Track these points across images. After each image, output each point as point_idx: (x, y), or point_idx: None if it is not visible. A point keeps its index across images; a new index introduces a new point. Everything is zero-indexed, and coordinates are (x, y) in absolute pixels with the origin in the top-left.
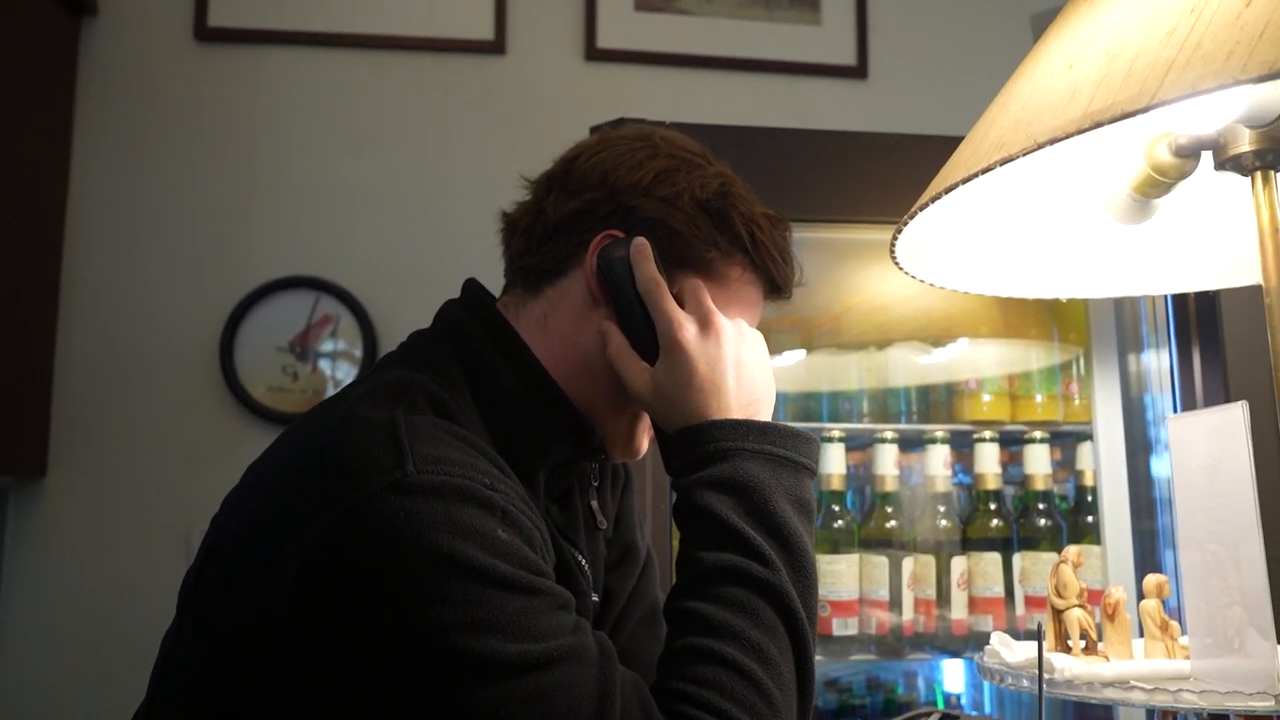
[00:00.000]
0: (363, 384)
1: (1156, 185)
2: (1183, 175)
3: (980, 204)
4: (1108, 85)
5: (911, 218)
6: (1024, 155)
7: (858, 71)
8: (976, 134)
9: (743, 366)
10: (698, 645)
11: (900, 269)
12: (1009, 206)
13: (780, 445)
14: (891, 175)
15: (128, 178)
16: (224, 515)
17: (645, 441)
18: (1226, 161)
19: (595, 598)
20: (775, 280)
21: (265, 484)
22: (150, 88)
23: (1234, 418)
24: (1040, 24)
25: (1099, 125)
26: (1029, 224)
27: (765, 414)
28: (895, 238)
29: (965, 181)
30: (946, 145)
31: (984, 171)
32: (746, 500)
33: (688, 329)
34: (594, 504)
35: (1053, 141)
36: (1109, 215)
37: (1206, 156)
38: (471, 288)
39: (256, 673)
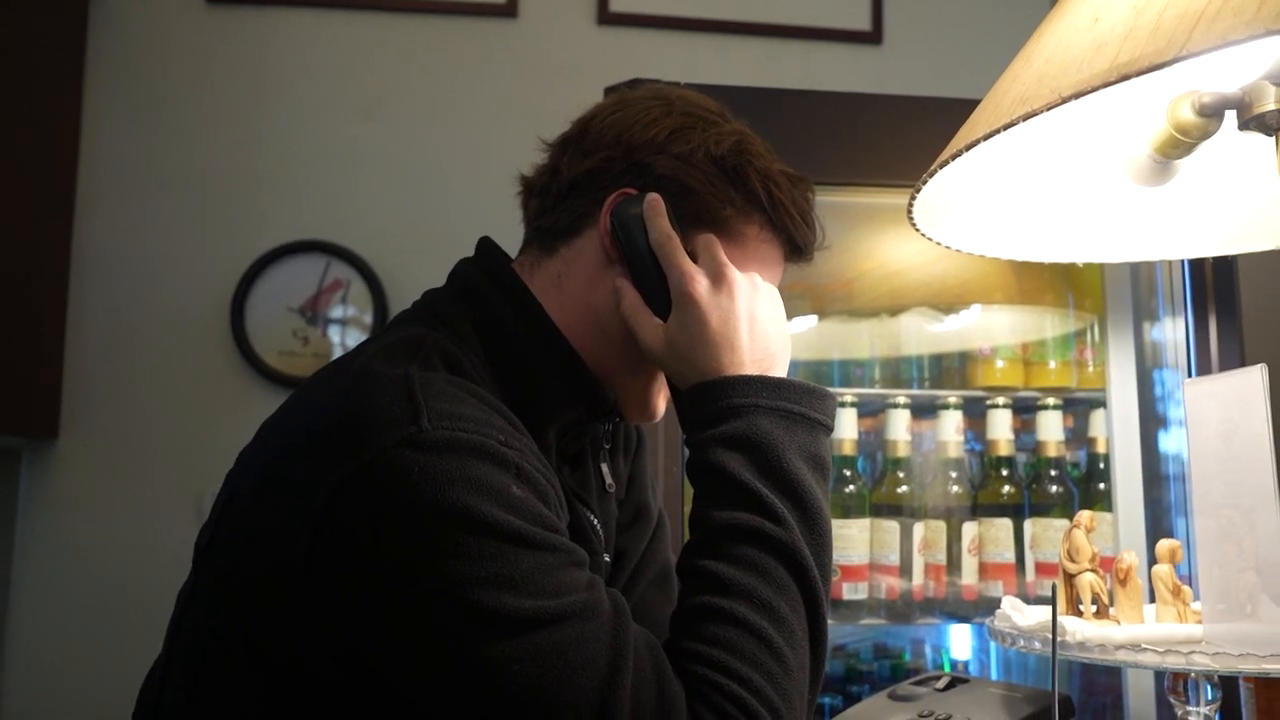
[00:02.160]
0: (377, 341)
1: (1179, 145)
2: (1206, 135)
3: (998, 166)
4: (1135, 38)
5: (930, 176)
6: (1048, 109)
7: (872, 37)
8: (999, 90)
9: (756, 320)
10: (710, 604)
11: (917, 230)
12: (1027, 169)
13: (795, 401)
14: (905, 139)
15: (139, 142)
16: (238, 471)
17: (662, 403)
18: (1251, 120)
19: (607, 558)
20: (795, 240)
21: (279, 439)
22: (161, 52)
23: (1252, 381)
24: None
25: (1125, 78)
26: (1047, 187)
27: (780, 369)
28: (913, 198)
29: (988, 137)
30: (962, 109)
31: (1007, 126)
32: (760, 457)
33: (700, 282)
34: (604, 466)
35: (1078, 95)
36: (1129, 177)
37: (1229, 117)
38: (485, 246)
39: (271, 626)
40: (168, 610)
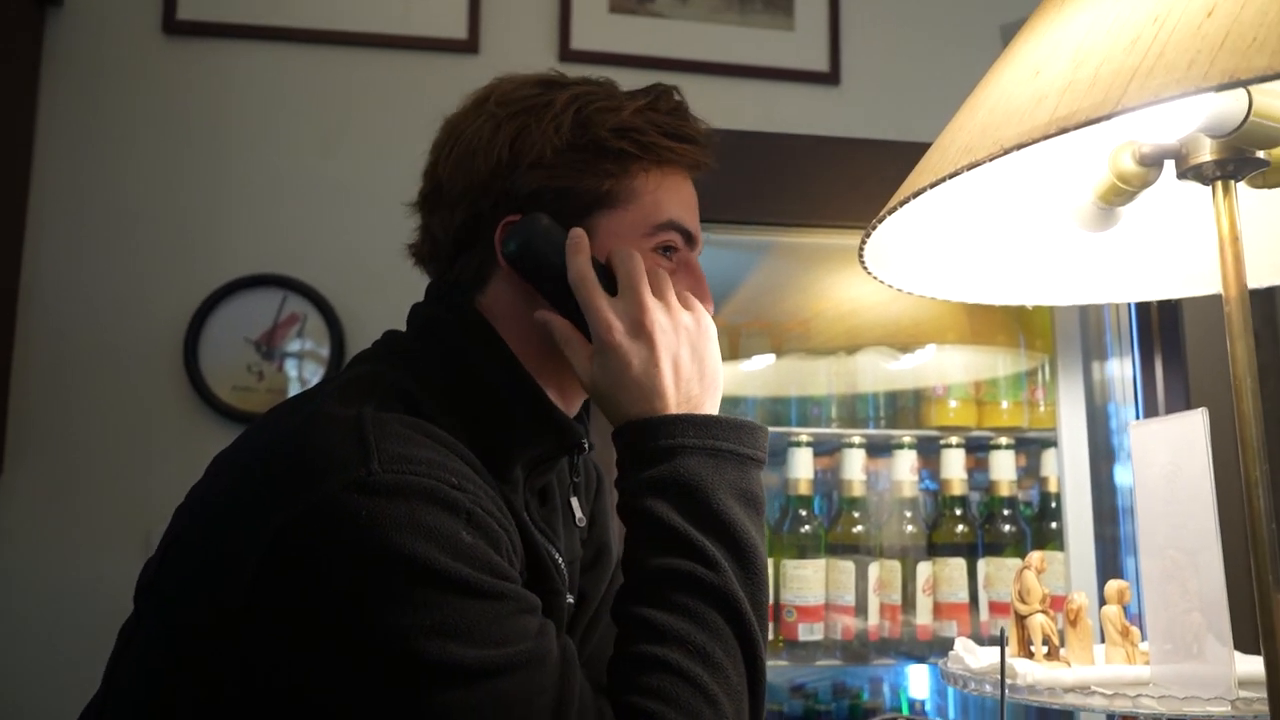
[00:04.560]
0: (334, 380)
1: (1120, 193)
2: (1146, 184)
3: (948, 210)
4: (1073, 91)
5: (879, 222)
6: (990, 160)
7: (830, 77)
8: (944, 139)
9: (680, 363)
10: (645, 653)
11: (869, 274)
12: (976, 213)
13: (723, 439)
14: (861, 180)
15: (92, 172)
16: (185, 506)
17: None
18: (1188, 170)
19: (570, 599)
20: (685, 160)
21: (228, 477)
22: (116, 81)
23: (1194, 425)
24: (1009, 34)
25: (1064, 131)
26: (996, 231)
27: (710, 405)
28: (864, 242)
29: (932, 186)
30: (916, 151)
31: (950, 176)
32: (689, 501)
33: (616, 329)
34: (574, 500)
35: (1019, 147)
36: (1074, 222)
37: (1169, 165)
38: (440, 295)
39: (213, 667)
40: (110, 648)
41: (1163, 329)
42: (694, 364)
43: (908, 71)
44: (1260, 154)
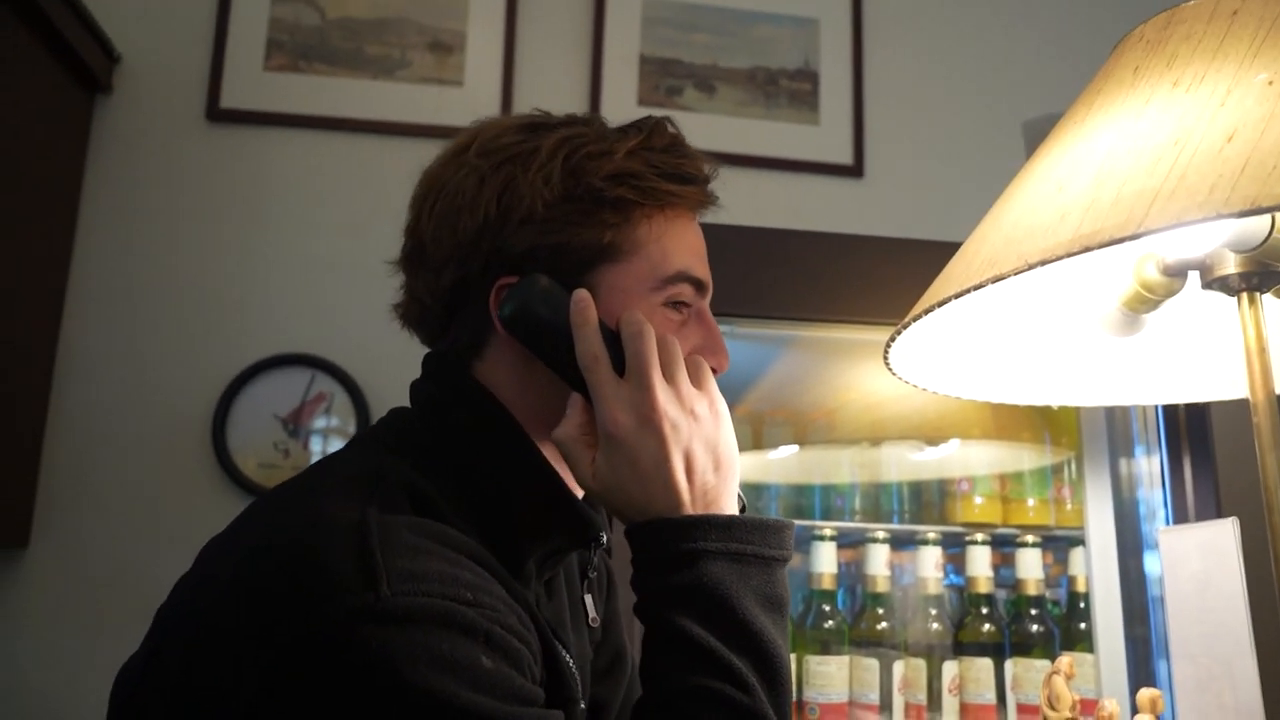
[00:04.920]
0: (335, 468)
1: (1145, 301)
2: (1170, 293)
3: (974, 312)
4: (1096, 210)
5: (904, 328)
6: (1014, 274)
7: (854, 170)
8: (969, 249)
9: (693, 457)
10: None
11: (893, 374)
12: (1002, 315)
13: (747, 541)
14: (886, 277)
15: (130, 252)
16: (171, 609)
17: None
18: (1214, 282)
19: (583, 705)
20: (692, 199)
21: (215, 585)
22: (159, 165)
23: (1224, 533)
24: (1031, 130)
25: (1087, 249)
26: (1021, 333)
27: (727, 500)
28: (889, 346)
29: (957, 297)
30: (939, 250)
31: (975, 288)
32: (716, 613)
33: (622, 422)
34: (588, 598)
35: (1043, 263)
36: (1100, 328)
37: (1193, 276)
38: (440, 369)
39: None
40: None
41: (1190, 428)
42: (708, 455)
43: (930, 165)
44: None
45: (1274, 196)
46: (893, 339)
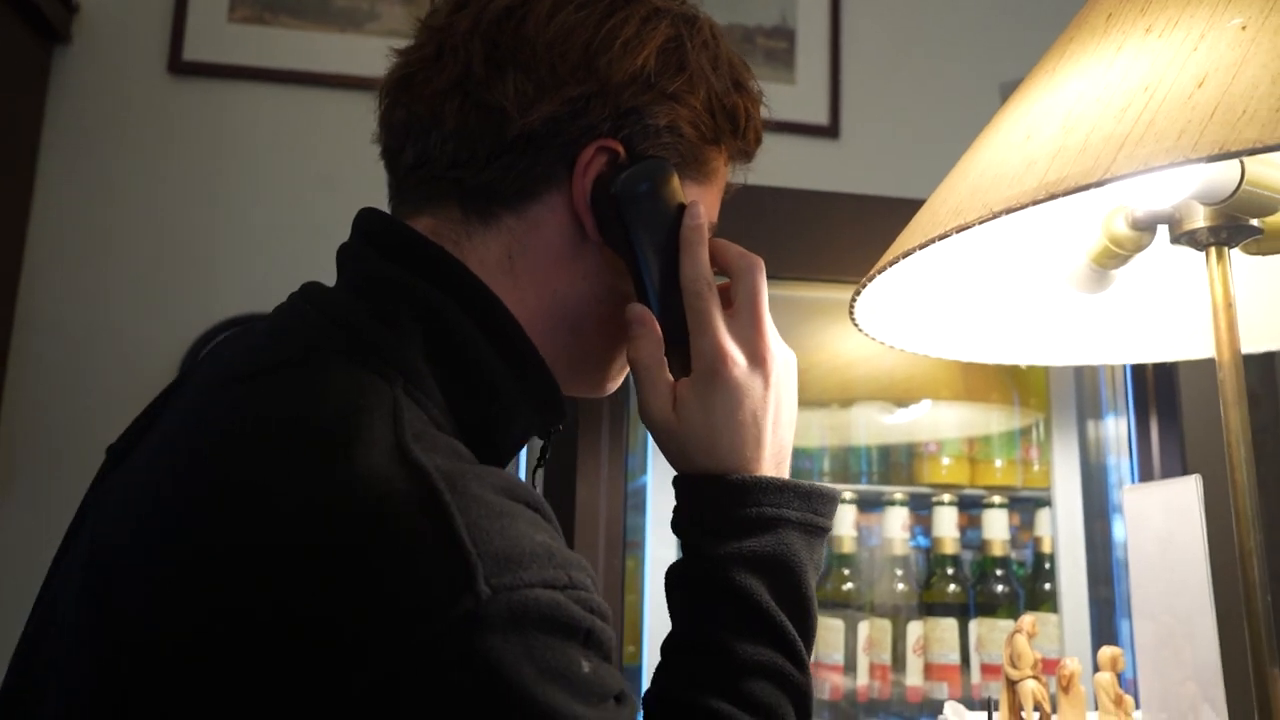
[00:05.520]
0: (326, 396)
1: (1114, 256)
2: (1139, 248)
3: (942, 268)
4: (1063, 158)
5: (869, 280)
6: (979, 224)
7: (830, 131)
8: (935, 200)
9: (781, 411)
10: None
11: (860, 330)
12: (970, 271)
13: (820, 513)
14: (860, 236)
15: (92, 208)
16: (150, 561)
17: (619, 380)
18: (1181, 236)
19: None
20: (748, 154)
21: (241, 547)
22: (120, 118)
23: (1188, 491)
24: (1008, 92)
25: (1053, 197)
26: (990, 290)
27: (789, 460)
28: (854, 299)
29: (921, 248)
30: (915, 208)
31: (940, 238)
32: (786, 582)
33: (738, 365)
34: (538, 477)
35: (1008, 211)
36: (1069, 284)
37: (1162, 231)
38: (393, 230)
39: None
40: None
41: (1158, 390)
42: (789, 415)
43: (907, 126)
44: (1254, 222)
45: (1243, 141)
46: (859, 292)
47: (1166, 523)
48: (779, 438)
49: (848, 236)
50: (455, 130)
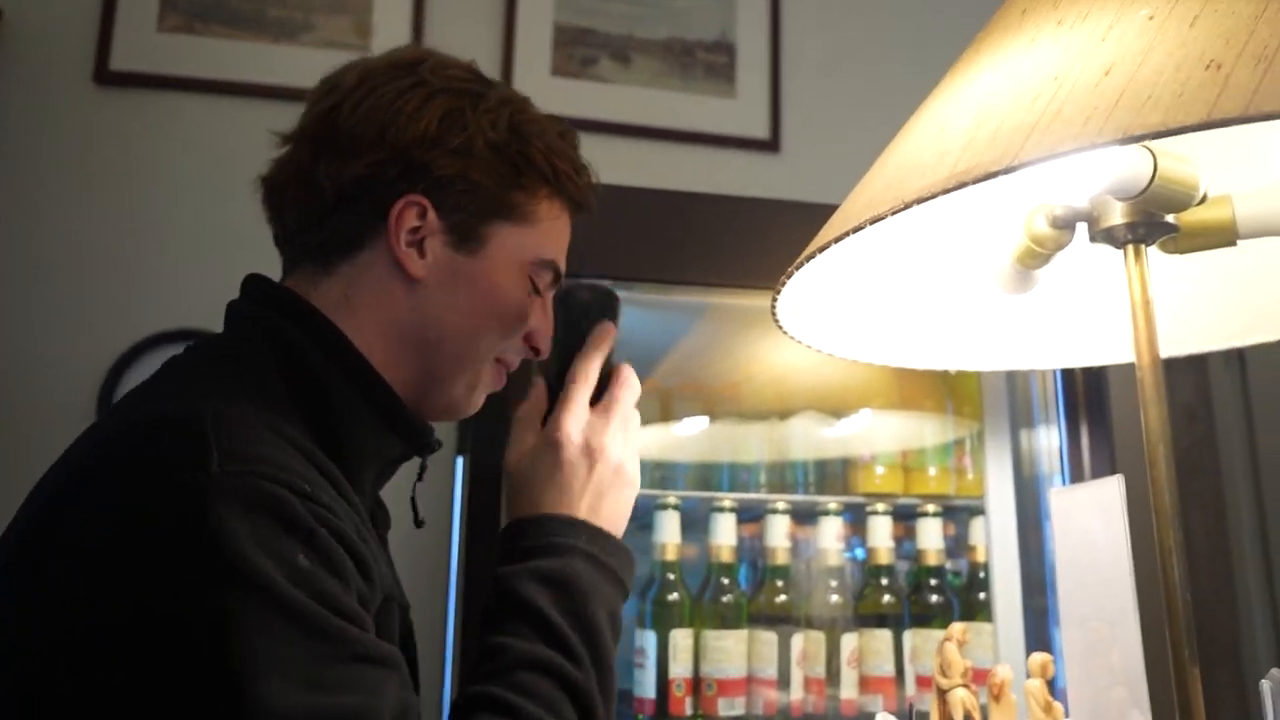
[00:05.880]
0: (158, 384)
1: (1036, 256)
2: (1059, 246)
3: (869, 271)
4: (974, 147)
5: (787, 278)
6: (892, 214)
7: (770, 145)
8: (854, 196)
9: (602, 502)
10: None
11: (783, 331)
12: (896, 274)
13: (611, 555)
14: (797, 243)
15: (11, 219)
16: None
17: (480, 398)
18: (1100, 234)
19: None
20: (579, 201)
21: (39, 510)
22: (43, 128)
23: (1111, 492)
24: None
25: (963, 185)
26: (918, 294)
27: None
28: (775, 298)
29: (836, 241)
30: (821, 212)
31: (853, 231)
32: (569, 599)
33: (573, 444)
34: (416, 499)
35: (919, 201)
36: (994, 284)
37: (1081, 230)
38: (259, 283)
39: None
40: None
41: (1088, 396)
42: (610, 507)
43: (847, 140)
44: (1170, 218)
45: (1147, 125)
46: (779, 290)
47: (1091, 524)
48: (603, 512)
49: (787, 244)
50: (296, 208)
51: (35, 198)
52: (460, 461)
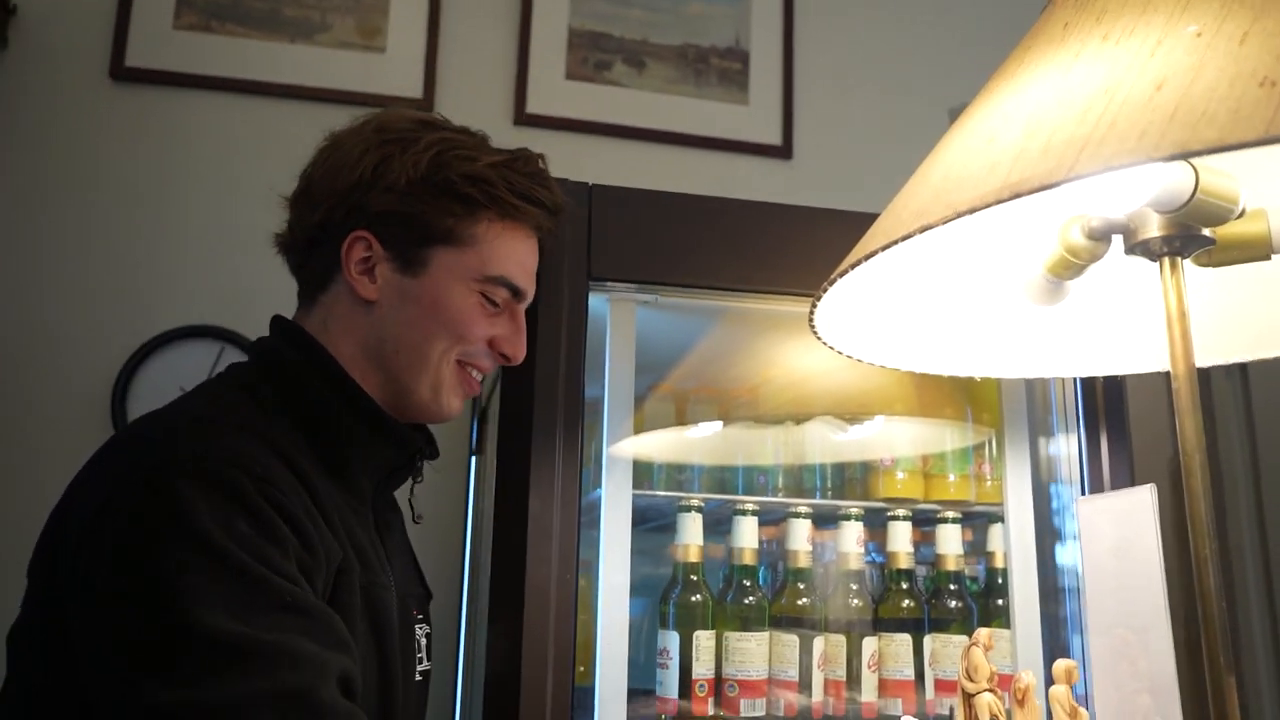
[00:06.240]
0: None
1: (1069, 266)
2: (1094, 258)
3: (900, 278)
4: (1025, 158)
5: (831, 285)
6: (943, 223)
7: (783, 151)
8: (898, 203)
9: None
10: None
11: (819, 338)
12: (929, 283)
13: None
14: (813, 248)
15: (26, 216)
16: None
17: (456, 402)
18: (1136, 246)
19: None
20: (532, 219)
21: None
22: (58, 125)
23: (1143, 500)
24: (957, 116)
25: (1017, 196)
26: (947, 302)
27: None
28: (814, 306)
29: (885, 248)
30: (868, 221)
31: (903, 239)
32: None
33: None
34: (413, 500)
35: (972, 210)
36: (1024, 295)
37: (1117, 242)
38: (275, 320)
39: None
40: None
41: (1107, 404)
42: None
43: (859, 147)
44: (1206, 232)
45: (1203, 141)
46: (819, 298)
47: (1121, 533)
48: None
49: (801, 249)
50: (289, 256)
51: (49, 192)
52: (473, 461)
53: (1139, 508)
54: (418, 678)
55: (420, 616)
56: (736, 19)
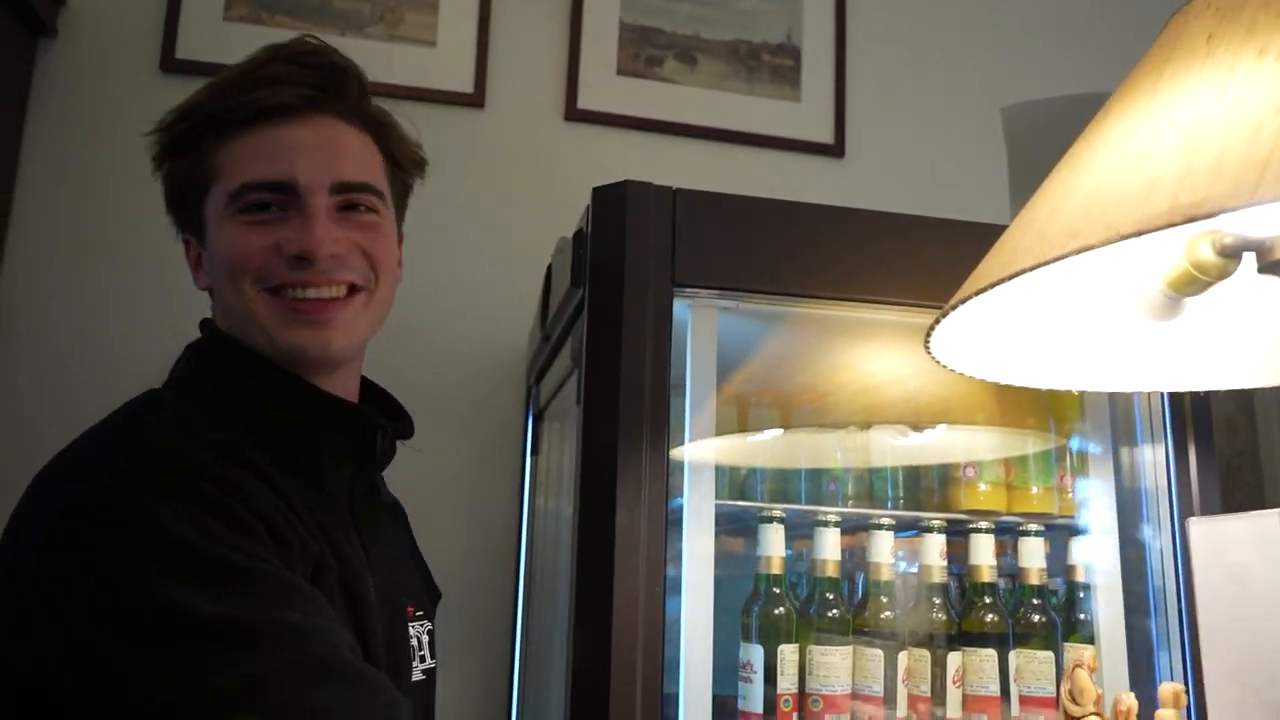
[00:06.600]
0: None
1: (1193, 282)
2: (1224, 275)
3: (1007, 294)
4: (1194, 179)
5: (962, 302)
6: (1103, 245)
7: (834, 150)
8: (1039, 221)
9: None
10: None
11: (932, 357)
12: (1032, 296)
13: None
14: (879, 254)
15: (77, 208)
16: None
17: (291, 334)
18: (1270, 265)
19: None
20: (265, 100)
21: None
22: (106, 115)
23: (1271, 526)
24: (1010, 115)
25: (1192, 220)
26: (1053, 315)
27: None
28: (938, 321)
29: (1037, 267)
30: (931, 226)
31: (1058, 258)
32: None
33: None
34: (380, 483)
35: (1139, 233)
36: (1139, 310)
37: (1248, 259)
38: (203, 324)
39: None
40: None
41: (1195, 418)
42: None
43: (911, 145)
44: None
45: None
46: (940, 318)
47: (1243, 557)
48: None
49: (868, 255)
50: None
51: (100, 183)
52: (529, 463)
53: (1266, 532)
54: (419, 676)
55: (420, 614)
56: (788, 15)
